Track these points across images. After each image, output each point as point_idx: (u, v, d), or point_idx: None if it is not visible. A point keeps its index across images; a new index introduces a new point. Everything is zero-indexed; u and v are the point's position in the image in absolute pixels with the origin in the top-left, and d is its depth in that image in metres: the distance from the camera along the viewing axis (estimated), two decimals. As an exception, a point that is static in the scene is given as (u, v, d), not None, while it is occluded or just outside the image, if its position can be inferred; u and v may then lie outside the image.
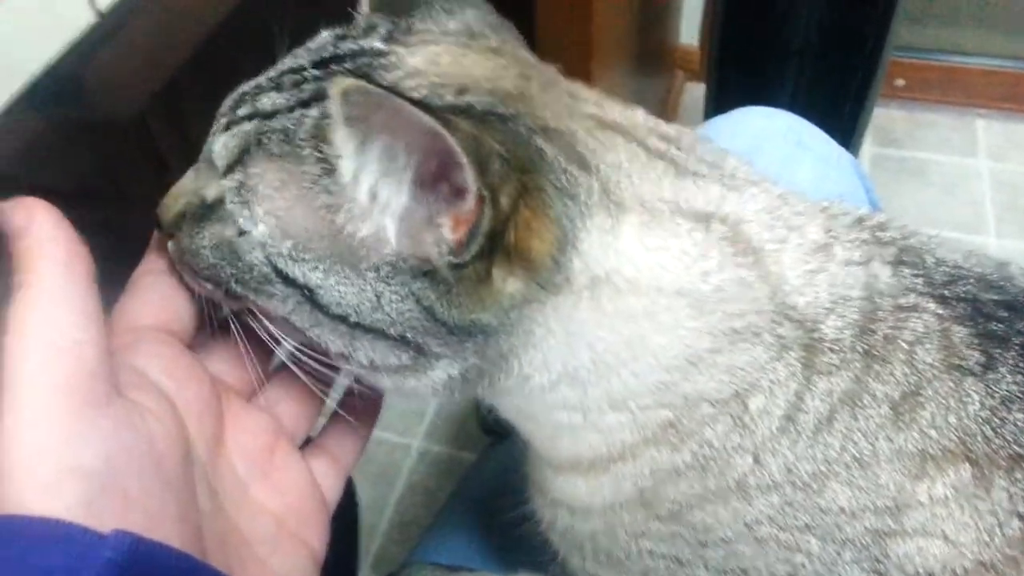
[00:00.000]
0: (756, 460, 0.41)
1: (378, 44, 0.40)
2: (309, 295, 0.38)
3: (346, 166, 0.36)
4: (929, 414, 0.40)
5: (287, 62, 0.41)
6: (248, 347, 0.41)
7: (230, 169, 0.38)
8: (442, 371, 0.40)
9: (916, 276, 0.43)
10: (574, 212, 0.38)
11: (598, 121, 0.41)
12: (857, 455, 0.40)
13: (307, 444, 0.44)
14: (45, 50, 0.35)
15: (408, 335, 0.38)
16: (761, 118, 0.86)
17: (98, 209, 0.40)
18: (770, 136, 0.83)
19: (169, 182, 0.41)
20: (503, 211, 0.36)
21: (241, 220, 0.38)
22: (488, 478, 0.73)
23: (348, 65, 0.39)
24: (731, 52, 1.46)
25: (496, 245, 0.36)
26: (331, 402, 0.45)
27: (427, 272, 0.37)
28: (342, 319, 0.38)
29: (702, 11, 1.95)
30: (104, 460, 0.30)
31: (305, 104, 0.38)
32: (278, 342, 0.41)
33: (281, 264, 0.38)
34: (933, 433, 0.40)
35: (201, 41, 0.53)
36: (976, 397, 0.40)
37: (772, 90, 1.46)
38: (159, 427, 0.33)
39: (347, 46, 0.40)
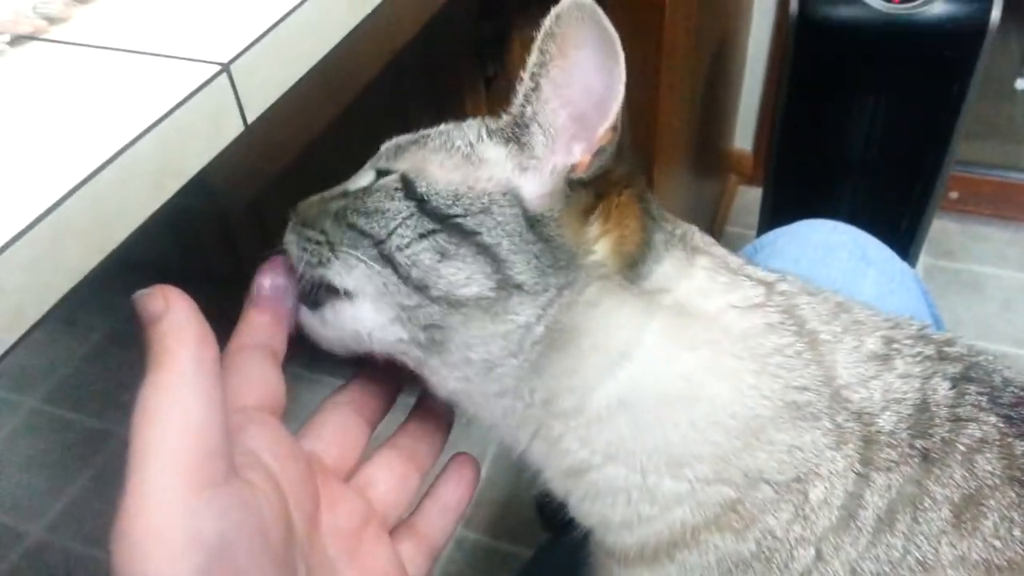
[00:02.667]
0: (819, 555, 0.41)
1: None
2: (424, 202, 0.43)
3: (526, 80, 0.42)
4: (992, 524, 0.40)
5: None
6: (354, 421, 0.45)
7: (389, 149, 0.47)
8: (520, 315, 0.42)
9: (981, 394, 0.43)
10: (659, 237, 0.45)
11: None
12: (921, 559, 0.40)
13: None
14: (203, 156, 0.39)
15: (503, 245, 0.41)
16: (826, 231, 0.87)
17: (220, 290, 0.43)
18: (834, 249, 0.84)
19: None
20: (615, 175, 0.43)
21: (390, 165, 0.46)
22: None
23: None
24: (789, 163, 1.49)
25: (600, 199, 0.43)
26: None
27: (538, 190, 0.43)
28: (445, 221, 0.42)
29: (756, 116, 2.00)
30: (220, 535, 0.32)
31: None
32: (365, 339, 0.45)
33: (412, 177, 0.44)
34: (997, 543, 0.40)
35: (310, 140, 0.57)
36: None
37: (830, 201, 1.49)
38: (267, 505, 0.35)
39: None
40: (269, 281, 0.45)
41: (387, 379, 0.48)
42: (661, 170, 1.26)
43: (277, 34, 0.43)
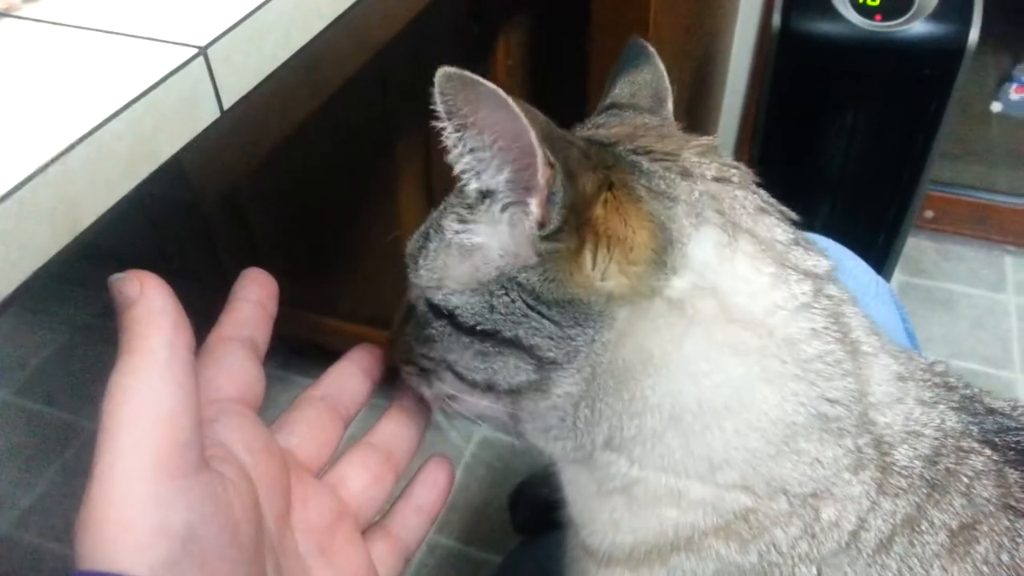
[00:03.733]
0: (819, 574, 0.41)
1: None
2: (453, 318, 0.43)
3: (456, 161, 0.40)
4: (983, 549, 0.40)
5: None
6: (327, 416, 0.45)
7: (411, 254, 0.46)
8: (563, 386, 0.41)
9: (972, 424, 0.44)
10: (676, 212, 0.40)
11: (710, 154, 0.45)
12: None
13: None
14: (178, 141, 0.38)
15: (520, 334, 0.41)
16: (802, 243, 0.88)
17: (195, 282, 0.43)
18: (810, 261, 0.84)
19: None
20: (583, 192, 0.39)
21: (413, 277, 0.45)
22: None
23: None
24: (767, 177, 1.49)
25: (581, 232, 0.39)
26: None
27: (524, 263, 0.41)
28: (472, 331, 0.42)
29: (736, 132, 2.02)
30: (188, 526, 0.31)
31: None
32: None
33: (433, 297, 0.44)
34: (986, 569, 0.40)
35: (289, 133, 0.57)
36: None
37: (806, 215, 1.50)
38: (238, 498, 0.34)
39: None
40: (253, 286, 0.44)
41: (361, 376, 0.47)
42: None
43: (256, 19, 0.43)
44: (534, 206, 0.39)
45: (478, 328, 0.42)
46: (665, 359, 0.40)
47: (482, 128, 0.38)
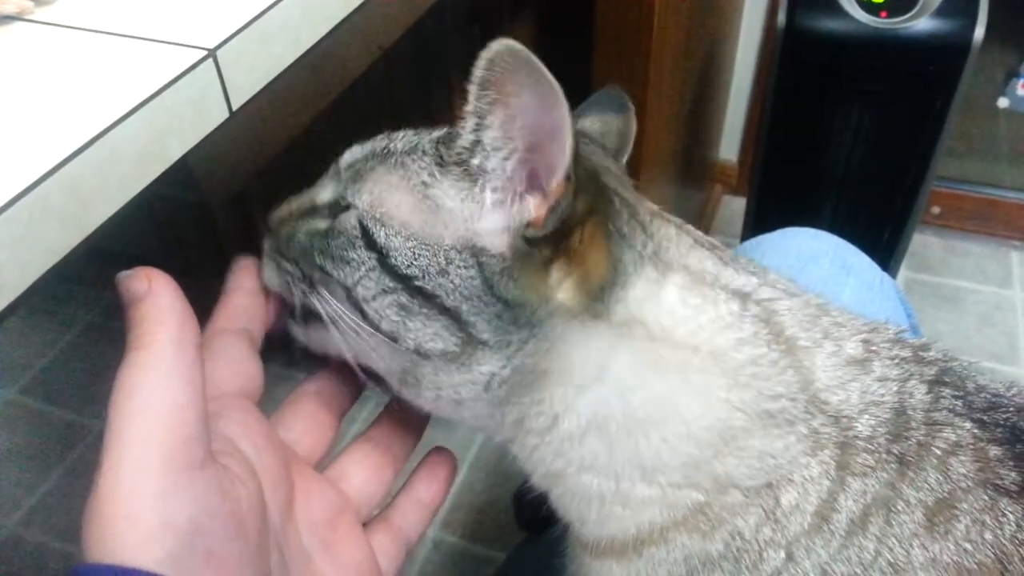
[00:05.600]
0: (789, 556, 0.41)
1: None
2: (384, 257, 0.41)
3: (466, 133, 0.40)
4: (964, 527, 0.40)
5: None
6: (323, 409, 0.45)
7: (351, 166, 0.44)
8: (486, 367, 0.42)
9: (956, 398, 0.44)
10: (628, 257, 0.42)
11: (656, 212, 0.47)
12: (892, 561, 0.40)
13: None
14: (187, 142, 0.39)
15: (462, 308, 0.40)
16: (807, 239, 0.88)
17: (202, 283, 0.43)
18: (815, 257, 0.85)
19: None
20: (576, 214, 0.40)
21: (349, 195, 0.43)
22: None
23: None
24: (773, 173, 1.50)
25: (560, 246, 0.40)
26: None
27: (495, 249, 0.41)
28: (406, 282, 0.41)
29: (743, 128, 2.01)
30: (194, 519, 0.32)
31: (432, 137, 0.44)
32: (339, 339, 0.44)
33: (371, 226, 0.42)
34: (968, 547, 0.40)
35: (296, 134, 0.57)
36: (1012, 518, 0.40)
37: (812, 211, 1.50)
38: (243, 492, 0.35)
39: None
40: (247, 276, 0.45)
41: (354, 372, 0.47)
42: (646, 180, 1.27)
43: (264, 21, 0.43)
44: (532, 206, 0.40)
45: (414, 283, 0.41)
46: (591, 371, 0.41)
47: (517, 113, 0.38)
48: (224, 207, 1.09)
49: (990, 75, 2.07)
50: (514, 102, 0.38)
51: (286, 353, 0.46)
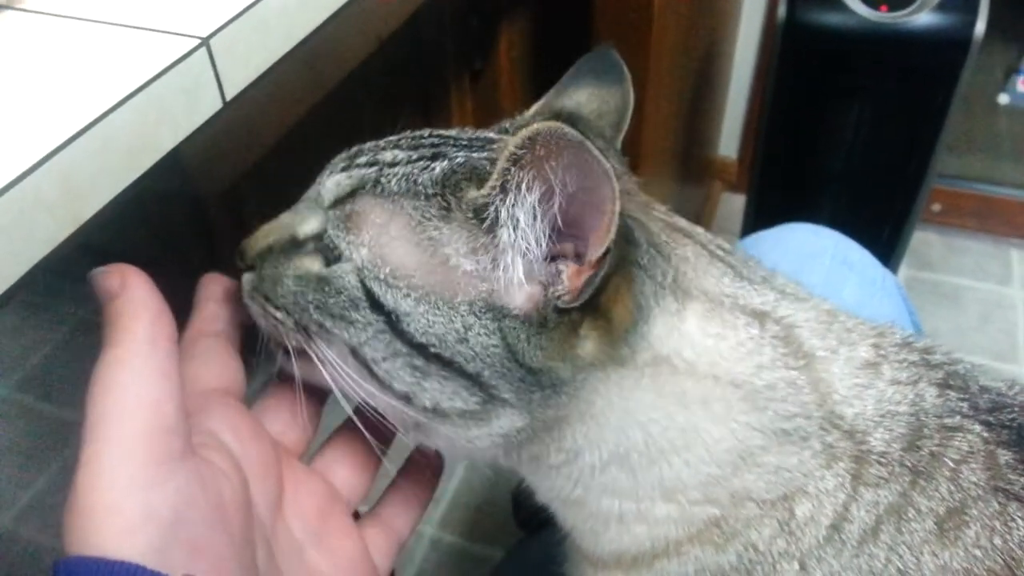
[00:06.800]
0: (802, 567, 0.41)
1: (494, 135, 0.44)
2: (394, 322, 0.39)
3: (496, 209, 0.37)
4: (974, 533, 0.40)
5: (405, 133, 0.44)
6: (304, 401, 0.43)
7: (338, 203, 0.41)
8: (506, 421, 0.40)
9: (962, 400, 0.43)
10: (650, 291, 0.40)
11: (668, 224, 0.45)
12: (902, 568, 0.40)
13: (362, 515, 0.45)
14: (179, 132, 0.38)
15: (484, 373, 0.39)
16: (808, 235, 0.88)
17: (194, 279, 0.43)
18: (816, 253, 0.84)
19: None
20: (607, 273, 0.38)
21: (343, 246, 0.40)
22: None
23: (464, 142, 0.42)
24: (772, 170, 1.49)
25: (588, 307, 0.38)
26: (389, 467, 0.46)
27: (521, 313, 0.38)
28: (421, 349, 0.39)
29: (742, 124, 2.01)
30: (176, 510, 0.31)
31: (430, 158, 0.40)
32: (337, 390, 0.42)
33: (375, 287, 0.39)
34: (978, 553, 0.40)
35: (291, 128, 0.56)
36: (1022, 523, 0.40)
37: (812, 208, 1.49)
38: (227, 485, 0.35)
39: (467, 134, 0.44)
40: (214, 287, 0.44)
41: None
42: (646, 177, 1.26)
43: (259, 11, 0.42)
44: (566, 277, 0.38)
45: (430, 350, 0.39)
46: (616, 413, 0.41)
47: (558, 190, 0.36)
48: (216, 202, 1.08)
49: (990, 71, 2.07)
50: (555, 179, 0.35)
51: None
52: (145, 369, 0.33)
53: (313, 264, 0.41)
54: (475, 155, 0.40)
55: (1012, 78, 2.05)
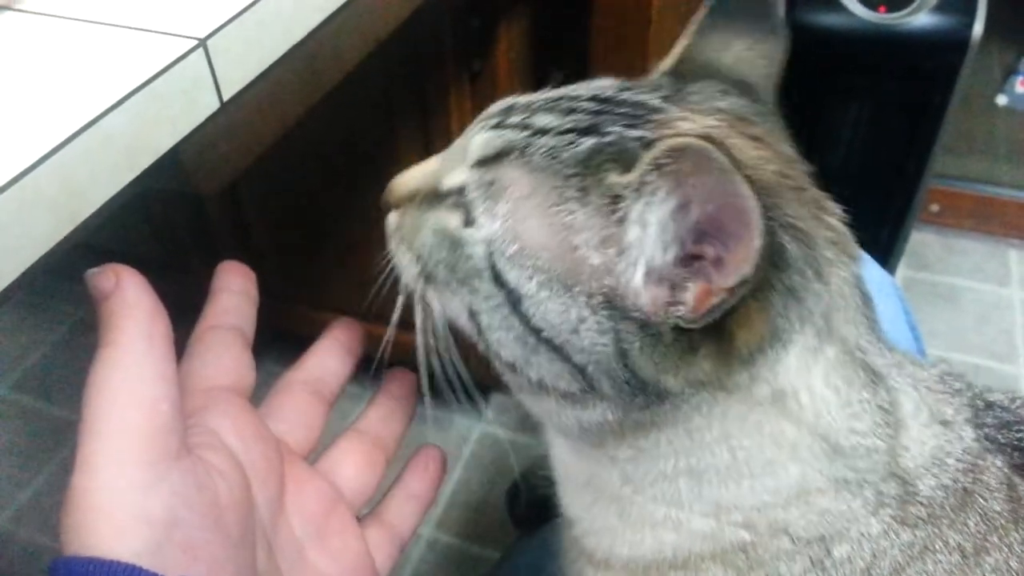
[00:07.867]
0: None
1: (656, 101, 0.41)
2: (514, 300, 0.38)
3: (629, 206, 0.35)
4: (994, 560, 0.41)
5: (564, 90, 0.43)
6: (310, 402, 0.44)
7: (483, 163, 0.40)
8: (600, 413, 0.40)
9: (990, 435, 0.44)
10: (794, 313, 0.37)
11: (836, 235, 0.41)
12: None
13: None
14: (177, 133, 0.38)
15: (589, 368, 0.38)
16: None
17: (193, 278, 0.43)
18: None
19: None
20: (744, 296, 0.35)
21: (478, 212, 0.39)
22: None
23: (623, 110, 0.40)
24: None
25: (710, 329, 0.36)
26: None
27: (638, 318, 0.36)
28: (534, 331, 0.38)
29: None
30: (171, 510, 0.32)
31: (581, 132, 0.38)
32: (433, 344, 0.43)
33: (500, 264, 0.38)
34: None
35: (289, 128, 0.57)
36: None
37: (810, 208, 1.49)
38: (224, 485, 0.35)
39: (627, 95, 0.41)
40: (233, 277, 0.44)
41: (342, 354, 0.47)
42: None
43: (256, 11, 0.43)
44: (691, 296, 0.35)
45: (542, 335, 0.38)
46: (712, 436, 0.39)
47: (694, 204, 0.34)
48: (215, 201, 1.08)
49: (989, 72, 2.07)
50: (695, 197, 0.33)
51: (277, 350, 0.45)
52: (139, 369, 0.33)
53: (452, 219, 0.41)
54: (629, 132, 0.38)
55: (1010, 79, 2.05)
